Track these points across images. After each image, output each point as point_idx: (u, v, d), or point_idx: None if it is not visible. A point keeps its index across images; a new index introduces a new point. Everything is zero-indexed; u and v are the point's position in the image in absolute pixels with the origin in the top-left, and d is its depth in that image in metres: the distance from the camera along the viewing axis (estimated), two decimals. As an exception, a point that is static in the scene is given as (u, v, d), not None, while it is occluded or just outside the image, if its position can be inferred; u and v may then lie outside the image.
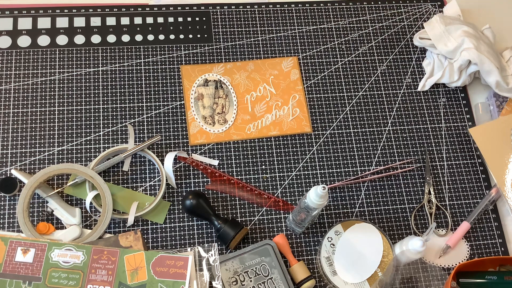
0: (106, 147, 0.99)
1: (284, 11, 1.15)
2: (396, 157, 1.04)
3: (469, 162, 1.05)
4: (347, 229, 0.94)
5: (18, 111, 1.00)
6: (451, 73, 1.08)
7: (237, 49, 1.10)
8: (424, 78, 1.10)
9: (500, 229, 1.00)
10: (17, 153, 0.97)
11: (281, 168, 1.01)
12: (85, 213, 0.93)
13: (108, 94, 1.03)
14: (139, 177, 0.97)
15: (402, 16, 1.18)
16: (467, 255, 0.97)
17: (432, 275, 0.94)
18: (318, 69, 1.10)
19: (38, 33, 1.06)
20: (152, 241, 0.93)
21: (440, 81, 1.09)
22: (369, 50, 1.13)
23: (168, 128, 1.02)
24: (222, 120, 1.04)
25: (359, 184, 1.01)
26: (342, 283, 0.90)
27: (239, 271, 0.89)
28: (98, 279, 0.78)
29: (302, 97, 1.07)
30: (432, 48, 1.11)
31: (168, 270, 0.80)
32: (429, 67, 1.11)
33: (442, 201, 1.01)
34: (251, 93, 1.07)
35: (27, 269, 0.77)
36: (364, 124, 1.06)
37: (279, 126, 1.04)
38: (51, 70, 1.04)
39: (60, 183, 0.95)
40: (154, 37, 1.09)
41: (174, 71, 1.07)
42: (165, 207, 0.96)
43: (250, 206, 0.97)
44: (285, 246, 0.92)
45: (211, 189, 0.98)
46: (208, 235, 0.94)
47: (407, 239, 0.89)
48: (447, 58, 1.10)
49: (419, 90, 1.10)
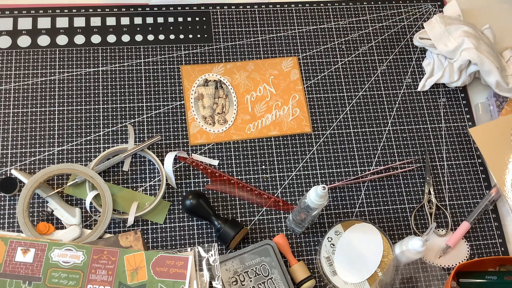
0: (106, 147, 0.99)
1: (284, 11, 1.15)
2: (396, 157, 1.04)
3: (469, 162, 1.05)
4: (347, 229, 0.94)
5: (18, 111, 1.00)
6: (451, 73, 1.08)
7: (237, 49, 1.10)
8: (424, 78, 1.10)
9: (500, 229, 1.00)
10: (17, 153, 0.97)
11: (281, 168, 1.01)
12: (85, 213, 0.93)
13: (108, 94, 1.03)
14: (139, 177, 0.97)
15: (402, 16, 1.18)
16: (467, 255, 0.97)
17: (432, 275, 0.94)
18: (318, 69, 1.10)
19: (38, 33, 1.06)
20: (152, 241, 0.93)
21: (440, 81, 1.09)
22: (369, 50, 1.13)
23: (168, 128, 1.02)
24: (222, 120, 1.04)
25: (359, 184, 1.01)
26: (342, 283, 0.90)
27: (239, 271, 0.89)
28: (98, 279, 0.78)
29: (302, 97, 1.07)
30: (432, 48, 1.11)
31: (168, 270, 0.80)
32: (429, 67, 1.11)
33: (442, 201, 1.01)
34: (251, 93, 1.07)
35: (27, 269, 0.77)
36: (364, 124, 1.06)
37: (279, 126, 1.04)
38: (51, 70, 1.04)
39: (60, 183, 0.95)
40: (154, 37, 1.09)
41: (174, 71, 1.06)
42: (165, 207, 0.96)
43: (250, 206, 0.97)
44: (285, 246, 0.92)
45: (211, 189, 0.98)
46: (208, 235, 0.94)
47: (407, 239, 0.89)
48: (447, 58, 1.10)
49: (419, 90, 1.10)
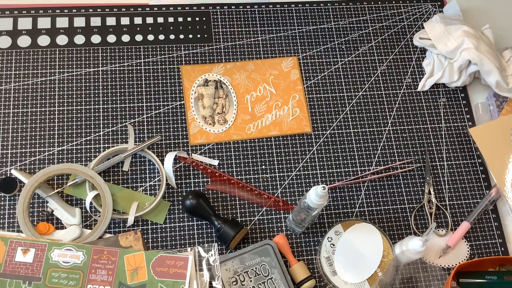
0: (106, 147, 0.99)
1: (284, 11, 1.15)
2: (396, 157, 1.04)
3: (469, 162, 1.05)
4: (347, 229, 0.94)
5: (18, 111, 1.00)
6: (451, 73, 1.08)
7: (237, 49, 1.10)
8: (424, 78, 1.10)
9: (500, 229, 1.00)
10: (17, 153, 0.97)
11: (281, 168, 1.01)
12: (85, 213, 0.93)
13: (108, 94, 1.03)
14: (139, 177, 0.97)
15: (402, 16, 1.18)
16: (467, 255, 0.97)
17: (432, 275, 0.94)
18: (318, 69, 1.10)
19: (38, 33, 1.06)
20: (152, 241, 0.93)
21: (440, 81, 1.09)
22: (369, 50, 1.13)
23: (168, 128, 1.02)
24: (222, 120, 1.03)
25: (359, 184, 1.01)
26: (342, 283, 0.90)
27: (239, 271, 0.89)
28: (98, 279, 0.78)
29: (302, 97, 1.07)
30: (432, 48, 1.11)
31: (168, 270, 0.80)
32: (429, 67, 1.11)
33: (442, 201, 1.01)
34: (251, 93, 1.07)
35: (27, 269, 0.77)
36: (364, 124, 1.06)
37: (279, 126, 1.04)
38: (51, 70, 1.04)
39: (60, 183, 0.95)
40: (154, 37, 1.09)
41: (174, 71, 1.06)
42: (165, 207, 0.96)
43: (250, 206, 0.97)
44: (285, 246, 0.92)
45: (211, 189, 0.98)
46: (208, 235, 0.94)
47: (407, 239, 0.89)
48: (447, 58, 1.10)
49: (419, 90, 1.10)
